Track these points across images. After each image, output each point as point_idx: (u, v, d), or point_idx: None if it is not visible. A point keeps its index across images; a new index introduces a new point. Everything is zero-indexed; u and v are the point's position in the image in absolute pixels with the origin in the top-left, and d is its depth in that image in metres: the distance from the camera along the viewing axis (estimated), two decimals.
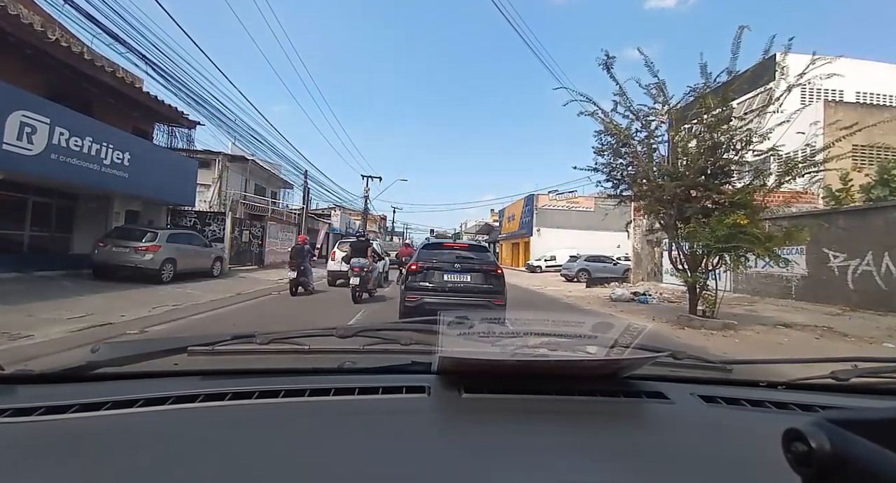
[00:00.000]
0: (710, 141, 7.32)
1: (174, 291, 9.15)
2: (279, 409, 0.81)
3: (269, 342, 1.07)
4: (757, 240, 6.75)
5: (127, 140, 10.71)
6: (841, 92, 18.69)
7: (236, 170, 21.81)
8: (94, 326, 5.56)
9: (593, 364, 0.99)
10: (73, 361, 0.95)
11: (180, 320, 6.44)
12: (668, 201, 7.85)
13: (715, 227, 6.89)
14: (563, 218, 32.65)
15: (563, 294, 14.13)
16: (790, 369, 1.28)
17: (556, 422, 0.79)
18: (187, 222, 14.57)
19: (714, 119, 7.26)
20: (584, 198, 33.01)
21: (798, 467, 0.38)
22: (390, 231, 59.11)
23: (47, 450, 0.65)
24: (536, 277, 23.90)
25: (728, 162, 7.48)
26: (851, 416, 0.38)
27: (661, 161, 7.94)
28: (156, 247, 9.97)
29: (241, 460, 0.62)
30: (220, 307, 7.93)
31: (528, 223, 34.14)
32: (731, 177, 7.66)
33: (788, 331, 7.23)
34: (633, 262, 17.51)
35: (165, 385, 0.89)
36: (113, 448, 0.67)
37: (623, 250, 29.99)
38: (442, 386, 0.90)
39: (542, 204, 33.06)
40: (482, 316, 1.24)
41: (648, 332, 1.09)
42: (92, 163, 9.54)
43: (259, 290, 10.70)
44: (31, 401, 0.78)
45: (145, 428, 0.73)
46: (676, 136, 7.77)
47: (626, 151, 8.70)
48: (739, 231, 6.74)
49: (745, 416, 0.88)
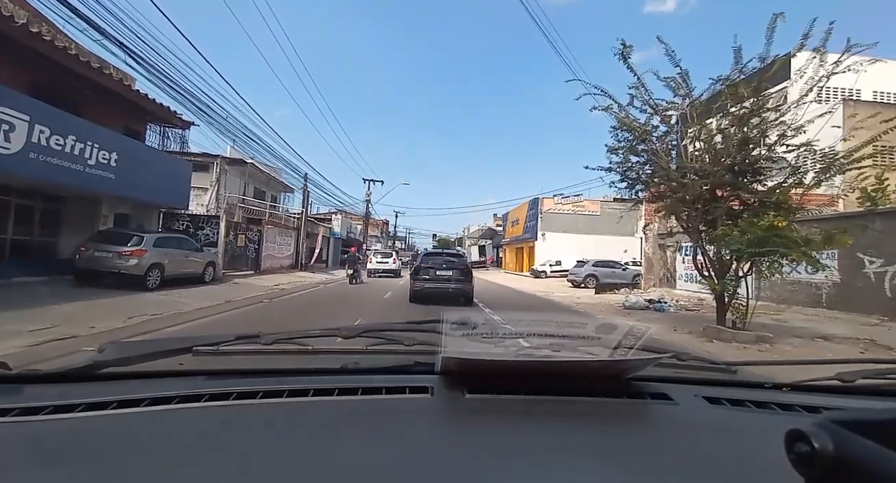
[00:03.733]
0: (740, 135, 6.68)
1: (158, 299, 8.55)
2: (283, 409, 0.80)
3: (273, 343, 1.07)
4: (794, 243, 6.09)
5: (114, 139, 10.17)
6: (858, 91, 18.02)
7: (235, 173, 21.33)
8: (57, 340, 4.96)
9: (597, 365, 0.97)
10: (79, 361, 0.96)
11: (155, 332, 5.81)
12: (691, 201, 7.21)
13: (747, 229, 6.24)
14: (568, 222, 31.87)
15: (573, 301, 13.45)
16: (795, 371, 1.27)
17: (559, 422, 0.79)
18: (180, 226, 13.99)
19: (745, 110, 6.62)
20: (590, 201, 32.31)
21: (801, 468, 0.38)
22: (392, 236, 58.92)
23: (54, 449, 0.65)
24: (542, 283, 23.21)
25: (759, 158, 6.84)
26: (854, 416, 0.39)
27: (684, 158, 7.30)
28: (141, 251, 9.38)
29: (245, 460, 0.62)
30: (205, 316, 7.32)
31: (532, 227, 33.40)
32: (762, 174, 7.01)
33: (829, 344, 6.53)
34: (645, 268, 16.80)
35: (171, 385, 0.88)
36: (119, 447, 0.66)
37: (630, 255, 29.32)
38: (445, 386, 0.89)
39: (547, 208, 32.30)
40: (484, 318, 1.27)
41: (652, 333, 1.10)
42: (75, 163, 8.99)
43: (251, 298, 10.08)
44: (37, 400, 0.78)
45: (151, 427, 0.73)
46: (701, 131, 7.14)
47: (644, 149, 8.10)
48: (775, 234, 6.08)
49: (750, 417, 0.86)
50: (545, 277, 28.39)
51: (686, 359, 1.11)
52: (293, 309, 9.10)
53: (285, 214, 21.90)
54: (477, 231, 69.51)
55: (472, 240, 69.61)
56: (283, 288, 12.88)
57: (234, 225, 16.20)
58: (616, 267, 18.67)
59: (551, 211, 32.20)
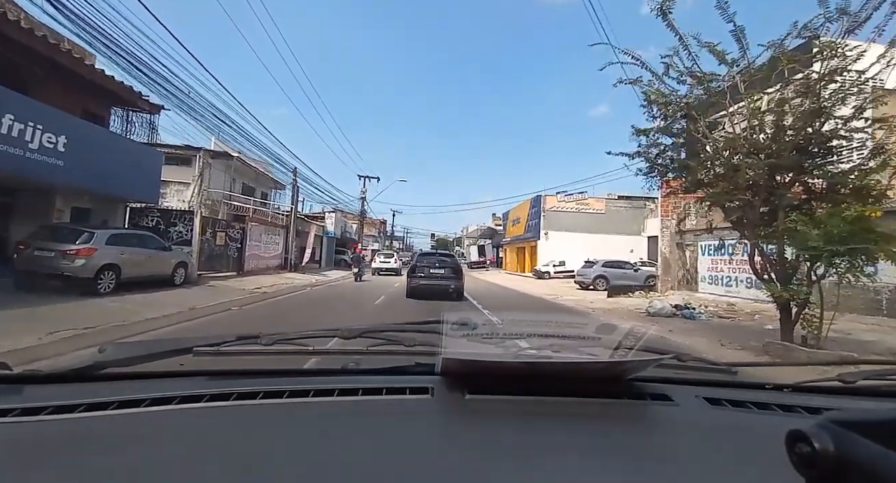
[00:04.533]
0: (811, 105, 5.40)
1: (107, 306, 7.21)
2: (284, 410, 0.80)
3: (274, 343, 1.07)
4: (890, 239, 4.81)
5: (63, 121, 8.78)
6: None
7: (220, 167, 19.97)
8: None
9: (597, 366, 0.96)
10: (80, 362, 0.95)
11: (70, 355, 4.46)
12: (745, 188, 5.93)
13: (826, 221, 4.96)
14: (571, 220, 30.52)
15: (586, 305, 12.15)
16: (796, 372, 1.30)
17: (559, 423, 0.78)
18: (148, 222, 12.61)
19: (818, 75, 5.33)
20: (594, 199, 31.02)
21: (802, 469, 0.38)
22: (390, 235, 57.64)
23: (54, 449, 0.65)
24: (546, 285, 21.92)
25: (831, 134, 5.55)
26: (855, 417, 0.38)
27: (736, 136, 6.01)
28: (89, 250, 8.02)
29: (246, 460, 0.62)
30: (152, 329, 5.99)
31: (534, 226, 32.06)
32: (833, 154, 5.72)
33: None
34: (661, 269, 15.51)
35: (171, 385, 0.87)
36: (120, 447, 0.66)
37: (636, 255, 28.09)
38: (445, 387, 0.89)
39: (549, 206, 30.93)
40: (484, 319, 1.25)
41: (652, 334, 1.13)
42: (11, 145, 7.67)
43: (221, 304, 8.73)
44: (38, 400, 0.78)
45: (151, 428, 0.73)
46: (757, 102, 5.85)
47: (680, 128, 6.82)
48: (863, 228, 4.81)
49: (751, 418, 0.86)
50: (548, 278, 27.13)
51: (687, 359, 1.11)
52: (263, 318, 7.79)
53: (274, 212, 20.35)
54: (476, 231, 68.20)
55: (471, 239, 68.36)
56: (264, 291, 11.55)
57: (211, 221, 14.82)
58: (627, 268, 17.39)
59: (554, 209, 30.86)
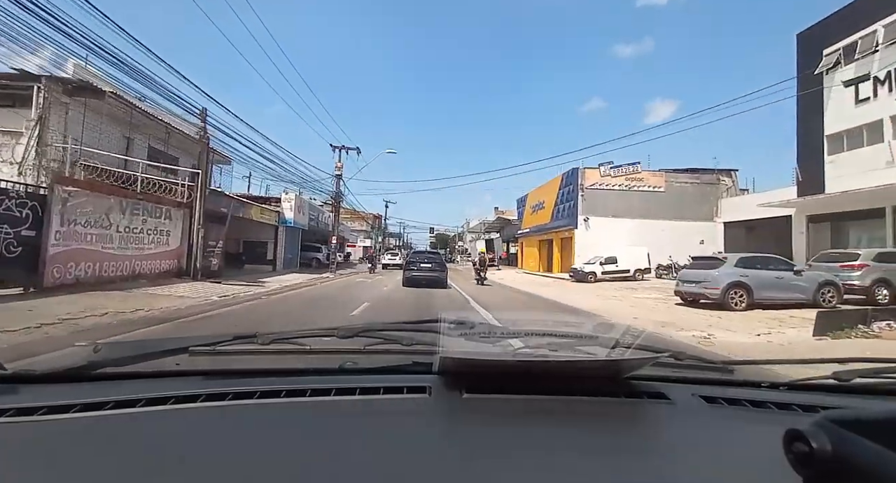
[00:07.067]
0: None
1: None
2: (280, 410, 0.80)
3: (271, 342, 1.07)
4: None
5: None
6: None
7: (91, 115, 12.36)
8: None
9: (595, 365, 0.98)
10: (75, 361, 0.95)
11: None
12: None
13: None
14: (620, 202, 22.94)
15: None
16: (792, 370, 1.27)
17: (556, 422, 0.79)
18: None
19: None
20: (650, 173, 23.37)
21: (799, 468, 0.38)
22: (384, 229, 50.59)
23: (49, 449, 0.64)
24: (595, 293, 14.33)
25: None
26: (852, 416, 0.38)
27: None
28: None
29: (242, 460, 0.61)
30: None
31: (568, 211, 24.39)
32: None
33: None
34: None
35: (167, 385, 0.87)
36: (115, 448, 0.66)
37: (707, 246, 20.60)
38: (443, 386, 0.89)
39: (590, 182, 23.20)
40: (482, 319, 1.34)
41: (649, 332, 1.08)
42: None
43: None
44: (33, 400, 0.77)
45: (147, 428, 0.72)
46: None
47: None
48: None
49: (747, 416, 0.86)
50: (594, 281, 19.64)
51: (683, 358, 1.11)
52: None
53: (161, 180, 11.26)
54: (478, 225, 60.66)
55: (475, 234, 60.90)
56: None
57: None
58: (783, 268, 9.85)
59: (597, 186, 23.18)
